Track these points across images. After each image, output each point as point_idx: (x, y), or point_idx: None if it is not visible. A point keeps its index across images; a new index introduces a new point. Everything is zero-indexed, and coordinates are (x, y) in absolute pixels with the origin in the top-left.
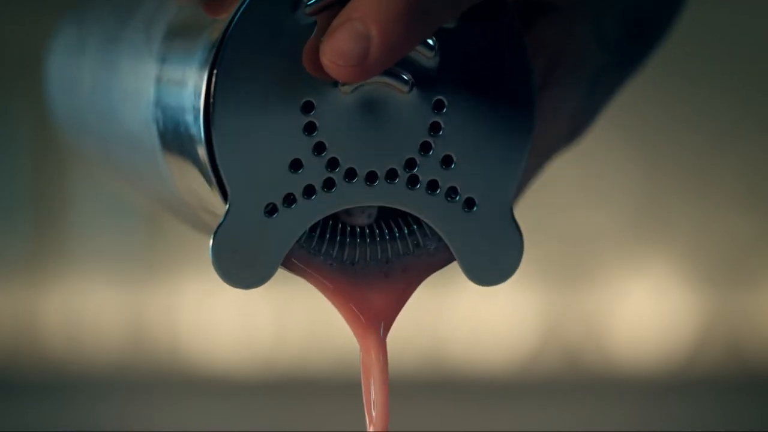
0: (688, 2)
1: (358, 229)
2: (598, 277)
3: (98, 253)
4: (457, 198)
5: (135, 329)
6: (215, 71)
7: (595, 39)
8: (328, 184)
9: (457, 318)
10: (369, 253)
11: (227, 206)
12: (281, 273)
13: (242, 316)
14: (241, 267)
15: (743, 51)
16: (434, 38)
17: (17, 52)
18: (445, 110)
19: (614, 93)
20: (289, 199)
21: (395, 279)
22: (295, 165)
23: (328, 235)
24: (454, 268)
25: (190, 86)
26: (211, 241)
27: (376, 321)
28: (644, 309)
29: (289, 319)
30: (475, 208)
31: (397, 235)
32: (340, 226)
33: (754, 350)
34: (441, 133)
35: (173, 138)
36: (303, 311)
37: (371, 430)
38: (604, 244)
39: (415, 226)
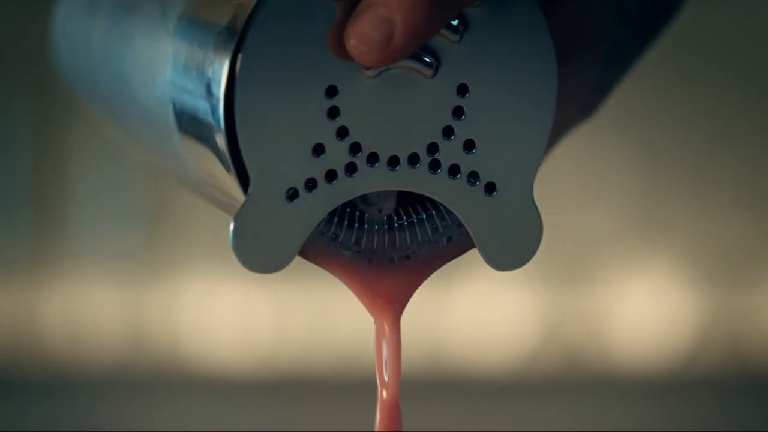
0: (688, 2)
1: (376, 218)
2: (598, 277)
3: (98, 253)
4: (478, 182)
5: (135, 329)
6: (240, 56)
7: (612, 16)
8: (350, 169)
9: (457, 318)
10: (387, 241)
11: (249, 191)
12: (282, 272)
13: (242, 316)
14: (260, 252)
15: (742, 50)
16: (458, 21)
17: (17, 52)
18: (468, 95)
19: (628, 70)
20: (311, 184)
21: (412, 266)
22: (318, 149)
23: (346, 223)
24: (455, 267)
25: (211, 72)
26: (231, 225)
27: (392, 301)
28: (644, 309)
29: (289, 319)
30: (495, 193)
31: (415, 222)
32: (358, 214)
33: (754, 350)
34: (464, 117)
35: (190, 121)
36: (303, 311)
37: (384, 396)
38: (604, 244)
39: (433, 211)
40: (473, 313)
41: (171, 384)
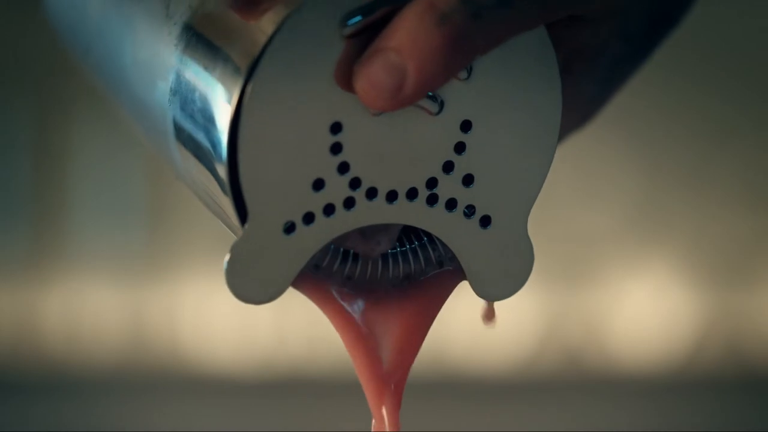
0: (688, 16)
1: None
2: (598, 277)
3: (98, 253)
4: (474, 216)
5: (135, 329)
6: (247, 92)
7: (617, 34)
8: (348, 203)
9: (457, 318)
10: (380, 271)
11: (246, 224)
12: None
13: (242, 316)
14: (253, 283)
15: (743, 51)
16: None
17: (17, 52)
18: (471, 131)
19: (627, 80)
20: (309, 218)
21: (404, 305)
22: (318, 185)
23: (341, 255)
24: None
25: (217, 102)
26: (227, 257)
27: (391, 373)
28: (644, 309)
29: (289, 319)
30: (490, 226)
31: (408, 251)
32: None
33: (754, 350)
34: (464, 153)
35: (190, 139)
36: (303, 311)
37: None
38: (604, 244)
39: (425, 239)
40: (473, 313)
41: (171, 384)
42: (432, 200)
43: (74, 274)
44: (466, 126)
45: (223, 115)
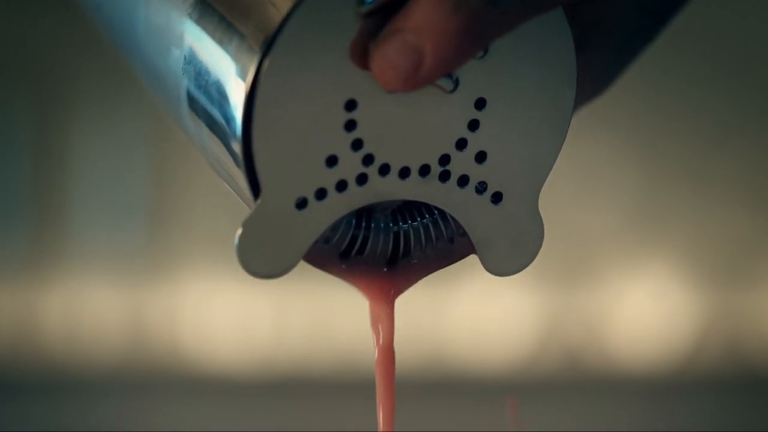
0: (688, 2)
1: (380, 223)
2: (598, 277)
3: (98, 253)
4: (485, 192)
5: (135, 329)
6: (263, 69)
7: (634, 9)
8: (361, 180)
9: (457, 318)
10: (391, 245)
11: (259, 199)
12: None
13: (242, 316)
14: (264, 258)
15: (742, 51)
16: None
17: (17, 52)
18: (485, 108)
19: (639, 55)
20: (321, 193)
21: (409, 269)
22: (331, 161)
23: (353, 226)
24: (455, 267)
25: (232, 78)
26: (239, 232)
27: (389, 296)
28: (644, 309)
29: (289, 319)
30: (501, 202)
31: (419, 226)
32: (364, 216)
33: (754, 350)
34: (478, 130)
35: (204, 111)
36: (303, 311)
37: (379, 344)
38: (604, 244)
39: (436, 213)
40: (473, 313)
41: (171, 384)
42: (444, 177)
43: (74, 274)
44: (480, 104)
45: (237, 91)
